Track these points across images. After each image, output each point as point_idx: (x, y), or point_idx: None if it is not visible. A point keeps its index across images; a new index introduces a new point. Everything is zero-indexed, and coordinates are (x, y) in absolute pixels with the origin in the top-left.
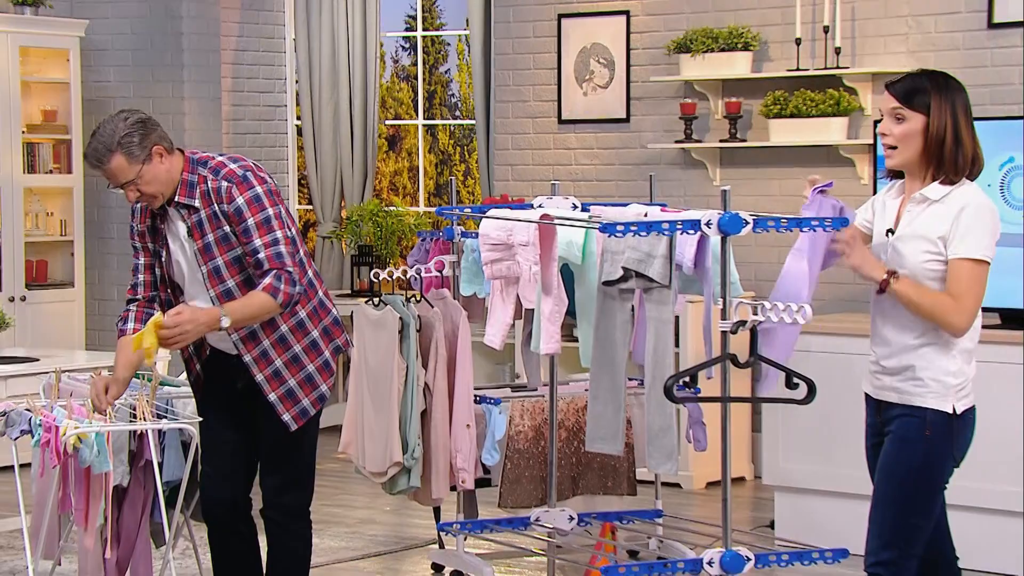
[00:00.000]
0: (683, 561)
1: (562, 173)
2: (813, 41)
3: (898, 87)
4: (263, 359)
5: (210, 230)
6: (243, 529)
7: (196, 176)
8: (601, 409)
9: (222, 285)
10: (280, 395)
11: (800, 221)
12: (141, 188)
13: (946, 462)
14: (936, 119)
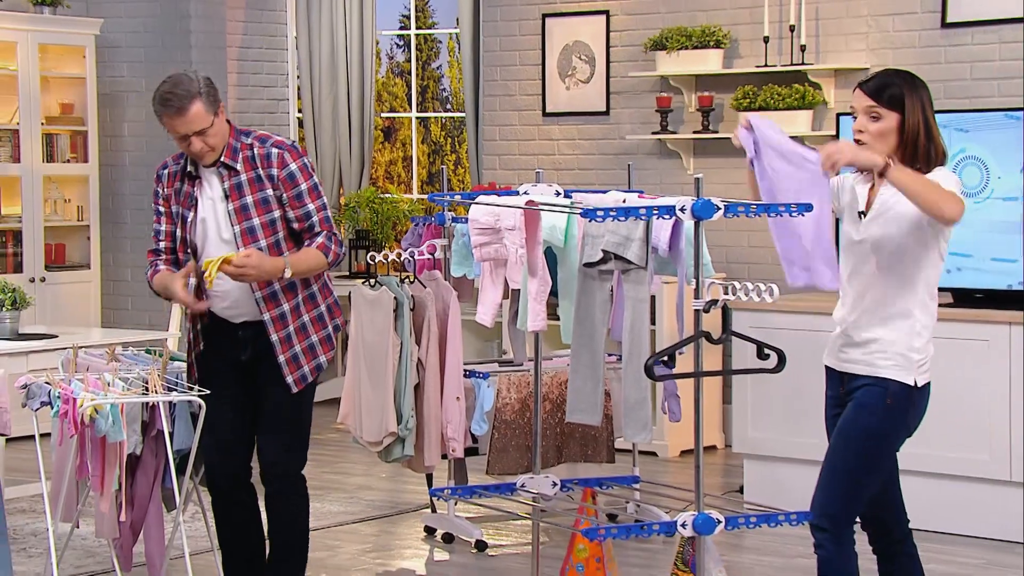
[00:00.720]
0: (658, 523)
1: (546, 162)
2: (780, 39)
3: (872, 86)
4: (280, 320)
5: (249, 192)
6: (245, 498)
7: (239, 143)
8: (581, 383)
9: (255, 244)
10: (287, 358)
11: (768, 207)
12: (207, 139)
13: (900, 431)
14: (911, 116)
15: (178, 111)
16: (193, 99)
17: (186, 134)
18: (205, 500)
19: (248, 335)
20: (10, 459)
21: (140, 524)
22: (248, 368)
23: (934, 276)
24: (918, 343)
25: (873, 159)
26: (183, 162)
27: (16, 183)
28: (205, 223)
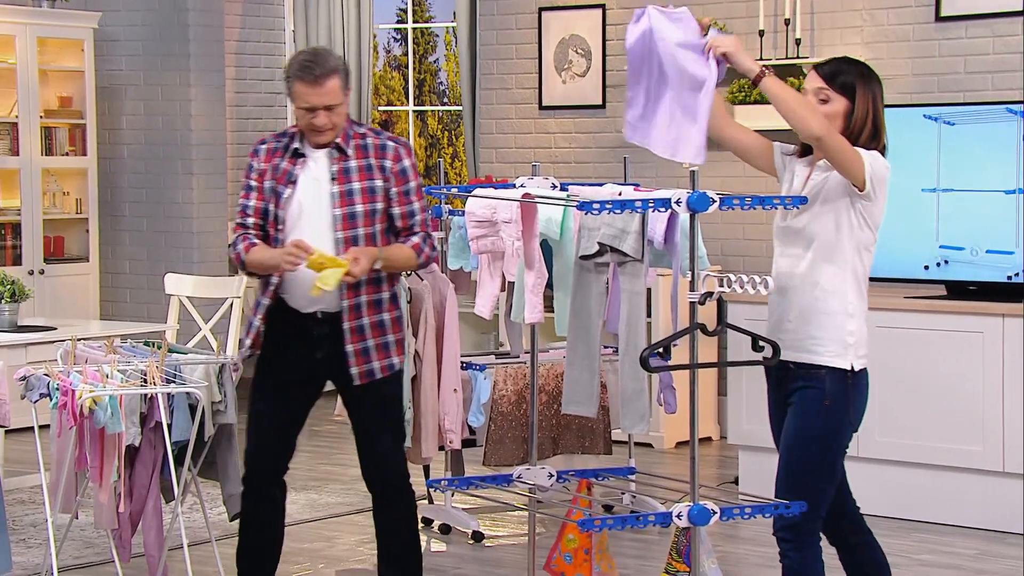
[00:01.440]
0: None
1: (543, 155)
2: (775, 33)
3: (827, 69)
4: (355, 311)
5: (357, 179)
6: (276, 495)
7: (352, 131)
8: (577, 374)
9: (352, 231)
10: (356, 350)
11: (763, 200)
12: (332, 116)
13: (844, 428)
14: (860, 106)
15: (316, 80)
16: (333, 73)
17: (314, 106)
18: (203, 491)
19: (323, 332)
20: (9, 450)
21: (139, 515)
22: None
23: (866, 254)
24: (851, 325)
25: (749, 64)
26: (285, 140)
27: (15, 176)
28: (302, 203)
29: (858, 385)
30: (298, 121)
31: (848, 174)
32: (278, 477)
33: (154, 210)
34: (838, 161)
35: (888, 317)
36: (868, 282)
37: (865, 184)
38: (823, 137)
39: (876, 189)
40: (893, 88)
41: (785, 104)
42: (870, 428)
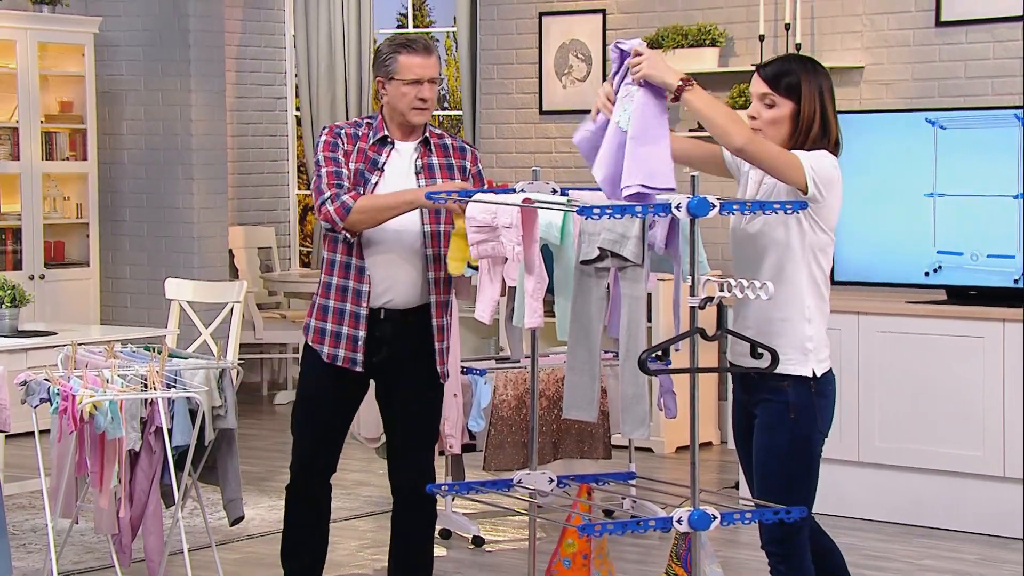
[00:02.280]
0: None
1: (543, 160)
2: (775, 38)
3: (769, 71)
4: (442, 308)
5: (440, 176)
6: (323, 504)
7: (431, 130)
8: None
9: (437, 227)
10: (440, 348)
11: (762, 204)
12: (431, 92)
13: (814, 437)
14: (807, 105)
15: (425, 49)
16: (433, 51)
17: (421, 78)
18: (204, 496)
19: (386, 333)
20: (9, 455)
21: (139, 520)
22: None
23: (822, 256)
24: (810, 330)
25: (666, 78)
26: (364, 127)
27: (15, 181)
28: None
29: (823, 390)
30: (394, 102)
31: (786, 179)
32: (324, 480)
33: (154, 215)
34: (769, 168)
35: (889, 322)
36: (829, 284)
37: (807, 186)
38: (744, 147)
39: (823, 190)
40: (893, 93)
41: (706, 117)
42: (871, 433)
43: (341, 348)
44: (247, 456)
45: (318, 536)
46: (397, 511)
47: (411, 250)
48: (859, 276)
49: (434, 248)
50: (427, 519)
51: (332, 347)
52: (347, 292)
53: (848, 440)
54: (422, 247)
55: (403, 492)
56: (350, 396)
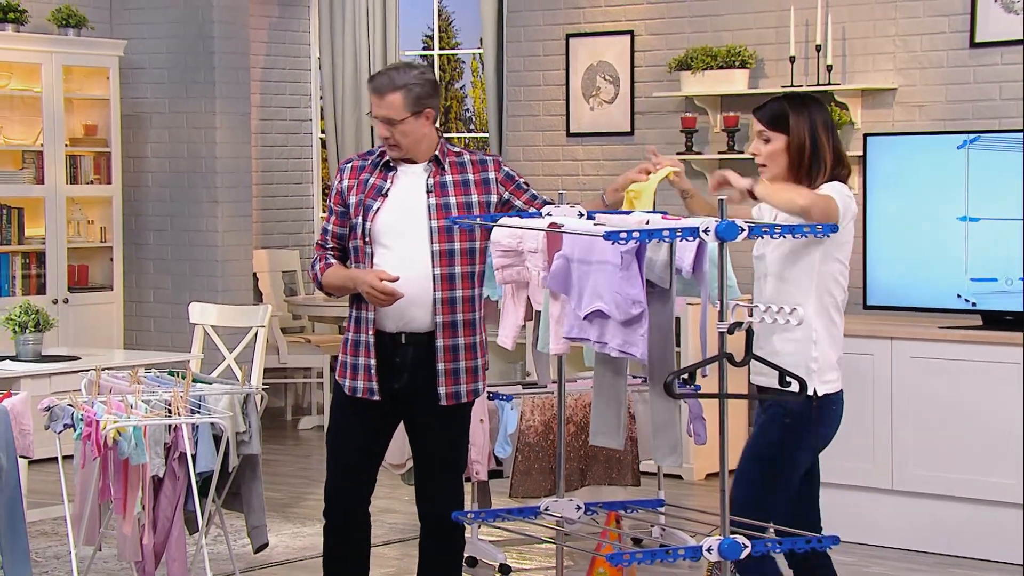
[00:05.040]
0: (684, 548)
1: (570, 183)
2: (806, 59)
3: (762, 112)
4: (451, 328)
5: (453, 194)
6: (356, 534)
7: (447, 150)
8: (604, 406)
9: (448, 244)
10: (447, 369)
11: (792, 228)
12: (395, 134)
13: (801, 449)
14: (795, 136)
15: (375, 90)
16: (394, 91)
17: (375, 116)
18: (227, 523)
19: (407, 359)
20: (33, 481)
21: (163, 547)
22: (402, 399)
23: (833, 284)
24: (816, 351)
25: (741, 183)
26: (374, 156)
27: (40, 204)
28: (395, 215)
29: (824, 410)
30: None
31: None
32: (358, 513)
33: (178, 238)
34: (824, 217)
35: (922, 347)
36: (842, 311)
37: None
38: (809, 207)
39: (844, 222)
40: (927, 115)
41: (776, 200)
42: (905, 460)
43: (360, 379)
44: (271, 482)
45: (352, 568)
46: (423, 538)
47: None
48: (892, 300)
49: (443, 267)
50: (454, 547)
51: (352, 379)
52: (360, 322)
53: (881, 467)
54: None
55: (429, 520)
56: (375, 427)
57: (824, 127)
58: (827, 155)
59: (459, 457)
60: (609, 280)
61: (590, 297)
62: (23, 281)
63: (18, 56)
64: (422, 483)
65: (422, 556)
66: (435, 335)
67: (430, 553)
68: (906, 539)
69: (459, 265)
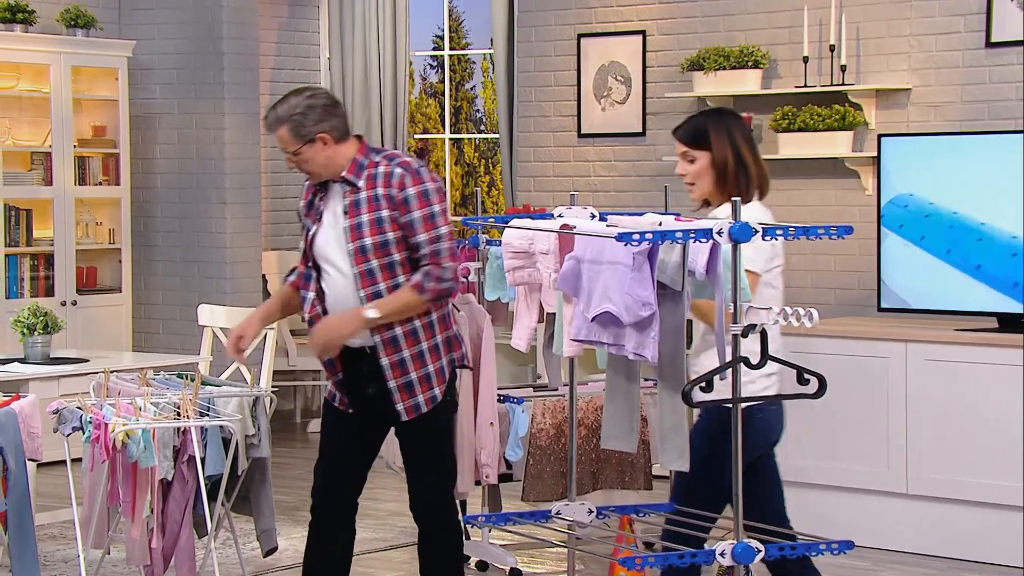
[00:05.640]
0: (697, 552)
1: (581, 184)
2: (820, 59)
3: (682, 133)
4: (392, 345)
5: (366, 211)
6: (341, 536)
7: (368, 160)
8: (616, 409)
9: (366, 264)
10: (400, 384)
11: (807, 230)
12: (298, 163)
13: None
14: (717, 153)
15: (266, 128)
16: (280, 125)
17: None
18: (237, 526)
19: (372, 367)
20: (41, 484)
21: (171, 551)
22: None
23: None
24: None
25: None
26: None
27: (48, 206)
28: (327, 238)
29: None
30: None
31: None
32: (343, 516)
33: (187, 240)
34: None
35: (937, 350)
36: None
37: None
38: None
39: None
40: (942, 116)
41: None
42: (919, 464)
43: (336, 390)
44: (280, 485)
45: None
46: (420, 541)
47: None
48: (906, 303)
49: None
50: (447, 549)
51: (332, 387)
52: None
53: (896, 471)
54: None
55: (421, 523)
56: (359, 431)
57: (745, 140)
58: (752, 169)
59: (439, 462)
60: (620, 281)
61: (599, 299)
62: (31, 283)
63: (26, 57)
64: (412, 488)
65: (420, 560)
66: (379, 355)
67: (426, 555)
68: (921, 544)
69: (382, 281)
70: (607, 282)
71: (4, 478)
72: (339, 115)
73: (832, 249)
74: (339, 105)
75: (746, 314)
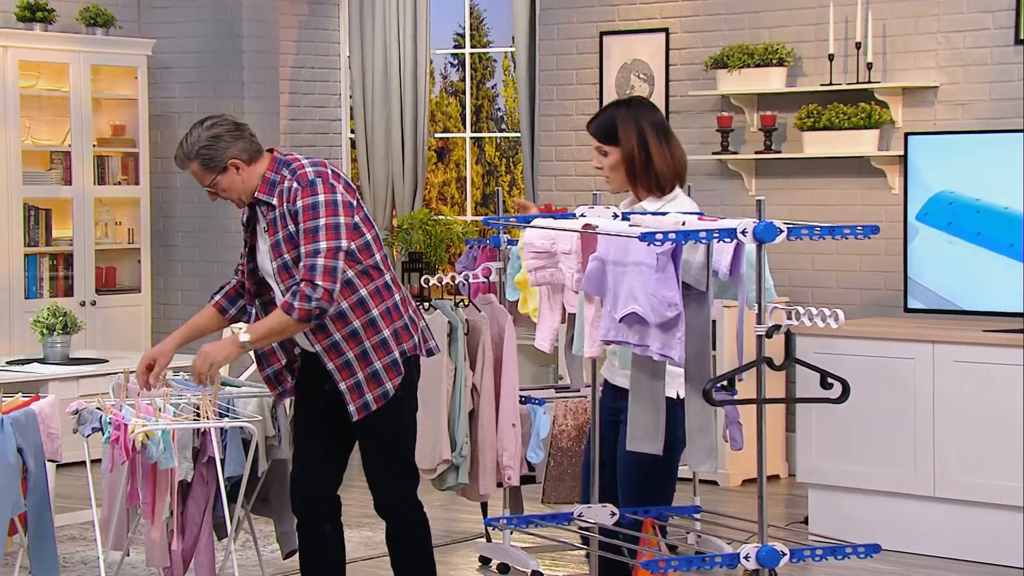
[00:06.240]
0: (721, 556)
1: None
2: (845, 57)
3: (593, 128)
4: (333, 350)
5: (280, 227)
6: (327, 529)
7: (278, 176)
8: (640, 410)
9: (291, 280)
10: (349, 386)
11: (832, 229)
12: (218, 193)
13: (675, 445)
14: (625, 146)
15: (178, 166)
16: (189, 161)
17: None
18: (256, 528)
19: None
20: (61, 486)
21: (191, 553)
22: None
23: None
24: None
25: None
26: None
27: (67, 206)
28: (258, 254)
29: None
30: None
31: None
32: (324, 509)
33: (207, 240)
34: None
35: (965, 351)
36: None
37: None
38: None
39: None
40: (970, 114)
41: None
42: (947, 467)
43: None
44: None
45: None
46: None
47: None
48: (933, 303)
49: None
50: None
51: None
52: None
53: (923, 474)
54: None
55: (385, 519)
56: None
57: (655, 131)
58: (659, 160)
59: (398, 457)
60: (644, 282)
61: (625, 299)
62: (51, 283)
63: (46, 56)
64: (371, 485)
65: (390, 555)
66: (323, 361)
67: (394, 552)
68: (949, 548)
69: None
70: (632, 283)
71: (24, 479)
72: (245, 136)
73: (858, 249)
74: (244, 127)
75: (770, 315)
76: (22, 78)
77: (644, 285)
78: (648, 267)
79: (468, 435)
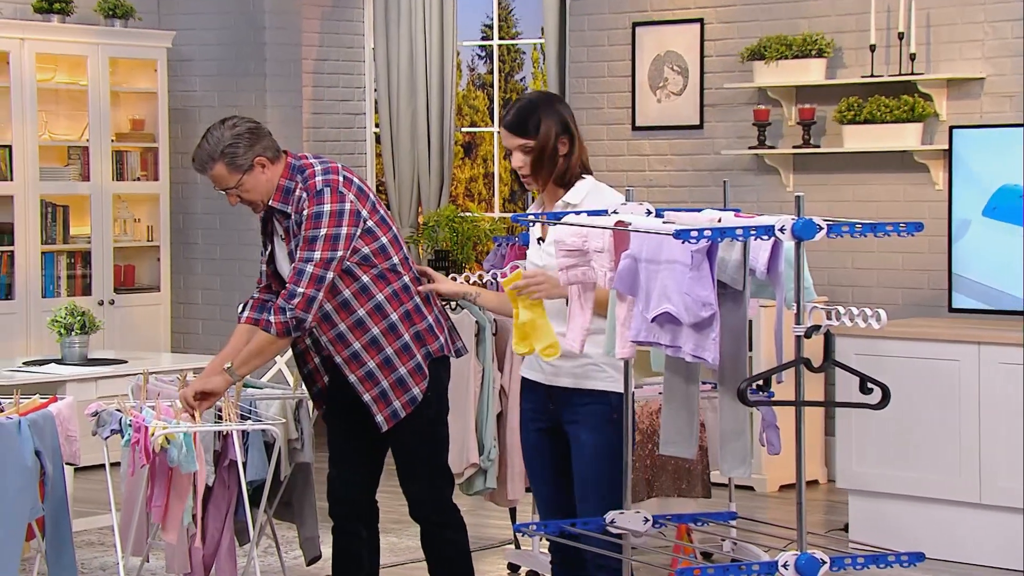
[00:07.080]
0: (758, 564)
1: (636, 179)
2: (888, 47)
3: (509, 121)
4: (355, 360)
5: (295, 235)
6: (363, 533)
7: (293, 183)
8: (674, 413)
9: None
10: (374, 396)
11: (874, 226)
12: (241, 195)
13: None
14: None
15: (201, 170)
16: (214, 162)
17: (218, 189)
18: (279, 533)
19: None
20: (79, 490)
21: (212, 558)
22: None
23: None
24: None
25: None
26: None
27: (85, 202)
28: (278, 259)
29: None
30: None
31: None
32: (358, 511)
33: (228, 238)
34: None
35: (1012, 352)
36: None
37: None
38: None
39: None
40: (1017, 106)
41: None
42: (993, 473)
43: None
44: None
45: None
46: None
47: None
48: (979, 303)
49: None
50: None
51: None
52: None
53: (968, 480)
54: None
55: (419, 522)
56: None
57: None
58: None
59: (430, 462)
60: (678, 281)
61: (658, 299)
62: (68, 282)
63: (63, 48)
64: (404, 491)
65: (426, 558)
66: (345, 372)
67: (430, 555)
68: (995, 556)
69: (327, 303)
70: (665, 281)
71: (41, 483)
72: (265, 134)
73: (900, 247)
74: (261, 125)
75: (809, 314)
76: (39, 71)
77: (678, 284)
78: (682, 265)
79: (496, 438)
